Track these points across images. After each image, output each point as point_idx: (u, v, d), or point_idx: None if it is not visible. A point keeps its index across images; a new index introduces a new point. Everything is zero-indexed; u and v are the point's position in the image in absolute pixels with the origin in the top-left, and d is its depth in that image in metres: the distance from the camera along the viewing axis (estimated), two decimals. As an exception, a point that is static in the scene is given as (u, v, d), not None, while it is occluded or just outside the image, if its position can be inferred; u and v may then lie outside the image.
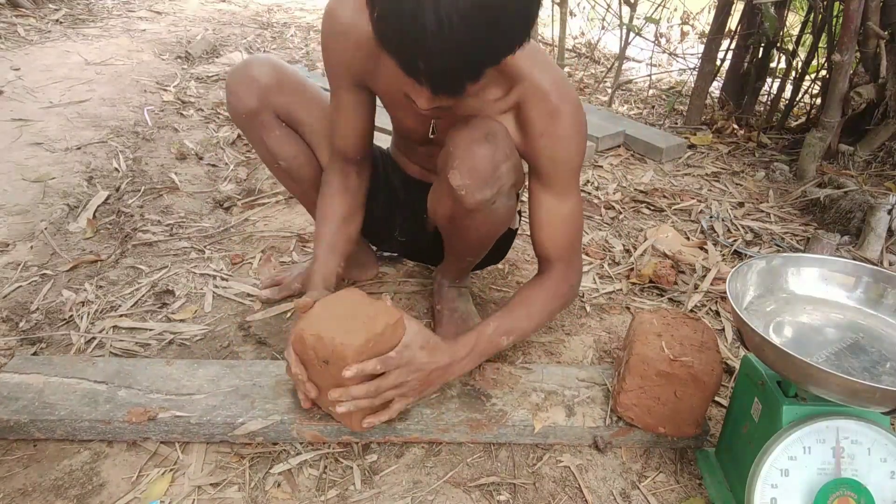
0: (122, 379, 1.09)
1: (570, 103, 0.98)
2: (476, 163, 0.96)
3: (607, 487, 1.03)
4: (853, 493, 0.80)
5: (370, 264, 1.53)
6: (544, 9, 4.52)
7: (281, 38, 4.03)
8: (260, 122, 1.17)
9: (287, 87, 1.15)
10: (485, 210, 1.04)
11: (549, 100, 0.96)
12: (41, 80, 2.58)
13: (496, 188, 1.00)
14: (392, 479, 1.01)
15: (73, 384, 1.07)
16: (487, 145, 0.95)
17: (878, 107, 2.34)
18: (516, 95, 0.98)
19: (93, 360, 1.14)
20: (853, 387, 0.73)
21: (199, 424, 1.02)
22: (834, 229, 1.94)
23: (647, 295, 1.59)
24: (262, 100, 1.14)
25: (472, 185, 0.97)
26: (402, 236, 1.43)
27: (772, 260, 0.97)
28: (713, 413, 1.19)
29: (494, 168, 0.97)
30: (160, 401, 1.05)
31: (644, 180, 2.30)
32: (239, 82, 1.13)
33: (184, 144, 2.26)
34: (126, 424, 1.01)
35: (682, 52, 3.95)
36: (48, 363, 1.12)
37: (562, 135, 0.98)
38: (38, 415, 1.01)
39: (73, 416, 1.01)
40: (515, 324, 1.07)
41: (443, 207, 1.10)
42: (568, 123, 0.98)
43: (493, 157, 0.96)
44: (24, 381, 1.07)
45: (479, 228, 1.12)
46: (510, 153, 1.00)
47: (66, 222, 1.69)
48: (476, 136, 0.95)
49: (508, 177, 1.01)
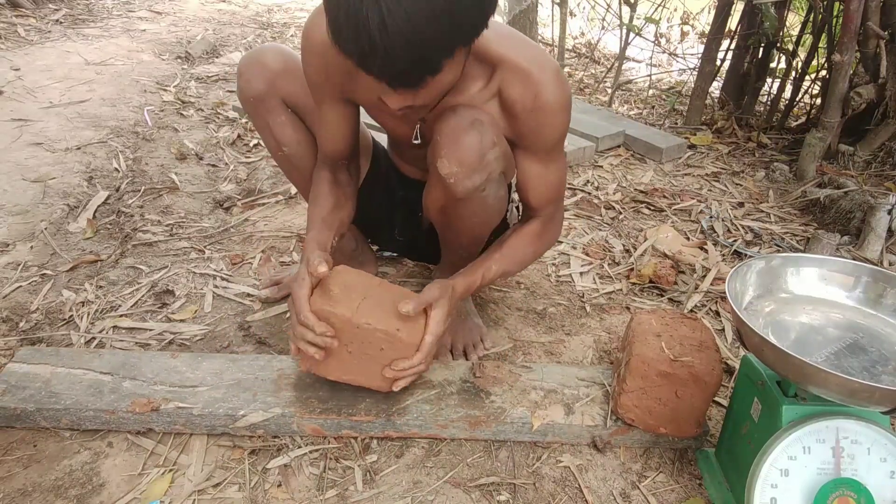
0: (128, 370, 1.11)
1: (550, 75, 0.98)
2: (463, 150, 0.97)
3: (607, 487, 1.03)
4: (853, 493, 0.80)
5: (370, 263, 1.53)
6: (544, 9, 4.54)
7: (281, 38, 4.03)
8: (267, 107, 1.19)
9: (295, 76, 1.17)
10: (475, 198, 1.05)
11: (530, 77, 0.97)
12: (41, 80, 2.58)
13: (485, 175, 1.01)
14: (392, 479, 1.01)
15: (79, 375, 1.09)
16: (474, 132, 0.97)
17: (878, 107, 2.34)
18: (498, 80, 0.99)
19: (99, 352, 1.16)
20: (852, 386, 0.73)
21: (202, 416, 1.04)
22: (834, 229, 1.94)
23: (646, 295, 1.59)
24: (270, 85, 1.16)
25: (461, 172, 0.99)
26: (401, 235, 1.43)
27: (771, 260, 0.97)
28: (713, 413, 1.19)
29: (482, 154, 0.99)
30: (164, 392, 1.07)
31: (644, 180, 2.30)
32: (250, 67, 1.17)
33: (184, 144, 2.26)
34: (130, 414, 1.03)
35: (682, 52, 3.95)
36: (55, 354, 1.14)
37: (547, 109, 0.99)
38: (44, 404, 1.03)
39: (78, 405, 1.03)
40: (510, 267, 1.15)
41: (434, 199, 1.11)
42: (551, 97, 0.98)
43: (481, 143, 0.98)
44: (31, 370, 1.10)
45: (471, 218, 1.13)
46: (497, 140, 1.01)
47: (66, 222, 1.70)
48: (462, 125, 0.97)
49: (497, 163, 1.03)
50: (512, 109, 1.00)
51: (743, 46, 2.81)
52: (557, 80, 0.98)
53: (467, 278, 1.10)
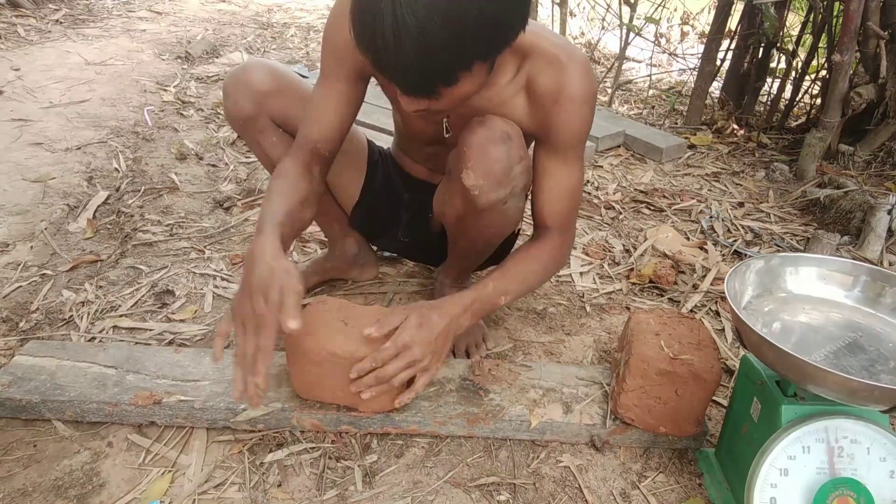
0: (132, 364, 1.12)
1: (579, 63, 0.96)
2: (491, 163, 0.96)
3: (607, 487, 1.03)
4: (852, 493, 0.80)
5: (370, 265, 1.53)
6: (544, 8, 4.54)
7: (281, 38, 4.03)
8: (256, 127, 1.17)
9: (284, 92, 1.15)
10: (496, 211, 1.04)
11: (559, 63, 0.95)
12: (41, 80, 2.59)
13: (509, 189, 1.00)
14: (392, 479, 1.01)
15: (83, 368, 1.11)
16: (502, 146, 0.96)
17: (878, 107, 2.34)
18: (526, 71, 0.97)
19: (104, 346, 1.18)
20: (851, 385, 0.73)
21: (203, 409, 1.05)
22: (834, 229, 1.94)
23: (646, 295, 1.59)
24: (258, 105, 1.14)
25: (486, 185, 0.97)
26: (405, 237, 1.43)
27: (770, 260, 0.97)
28: (713, 413, 1.19)
29: (508, 169, 0.98)
30: (166, 386, 1.08)
31: (644, 180, 2.30)
32: (236, 87, 1.14)
33: (184, 144, 2.26)
34: (132, 407, 1.04)
35: (682, 52, 3.95)
36: (61, 347, 1.16)
37: (575, 98, 0.96)
38: (48, 395, 1.04)
39: (82, 397, 1.04)
40: (511, 286, 1.07)
41: (452, 207, 1.09)
42: (578, 87, 0.96)
43: (508, 157, 0.96)
44: (37, 363, 1.11)
45: (488, 229, 1.12)
46: (524, 154, 1.00)
47: (66, 222, 1.70)
48: (491, 137, 0.95)
49: (521, 178, 1.02)
50: (540, 98, 0.98)
51: (743, 46, 2.81)
52: (585, 70, 0.97)
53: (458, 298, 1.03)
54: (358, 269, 1.51)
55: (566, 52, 0.96)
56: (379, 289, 1.52)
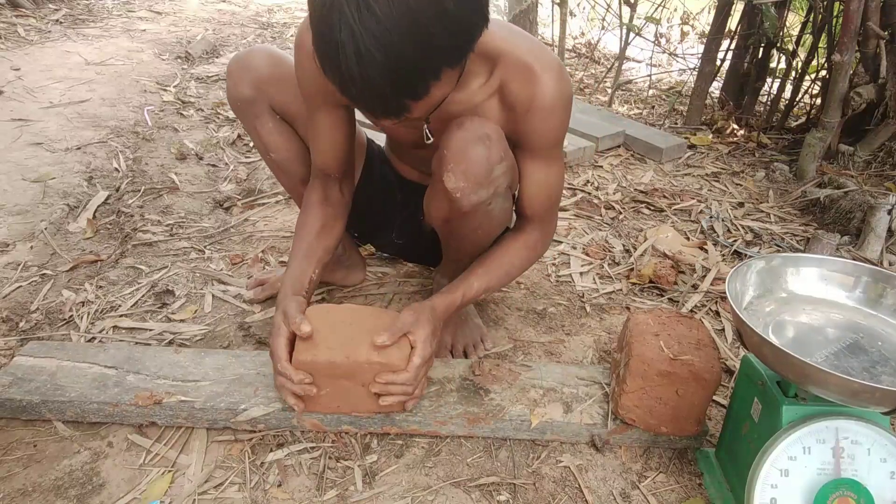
0: (132, 365, 1.12)
1: (552, 70, 0.96)
2: (470, 165, 0.95)
3: (607, 487, 1.03)
4: (853, 494, 0.80)
5: (357, 268, 1.51)
6: (544, 9, 4.54)
7: (281, 38, 4.03)
8: (255, 112, 1.17)
9: (285, 82, 1.14)
10: (480, 212, 1.04)
11: (531, 71, 0.95)
12: (41, 80, 2.58)
13: (492, 189, 1.00)
14: (392, 480, 1.01)
15: (84, 368, 1.11)
16: (482, 147, 0.95)
17: (878, 107, 2.33)
18: (499, 76, 0.97)
19: (104, 347, 1.17)
20: (852, 387, 0.73)
21: (203, 409, 1.05)
22: (834, 229, 1.94)
23: (646, 295, 1.59)
24: (257, 90, 1.14)
25: (468, 187, 0.97)
26: (399, 238, 1.42)
27: (771, 260, 0.97)
28: (713, 413, 1.19)
29: (489, 170, 0.97)
30: (167, 386, 1.08)
31: (644, 180, 2.30)
32: (238, 70, 1.14)
33: (184, 144, 2.26)
34: (133, 407, 1.04)
35: (682, 52, 3.95)
36: (62, 348, 1.16)
37: (548, 105, 0.97)
38: (49, 396, 1.04)
39: (82, 398, 1.04)
40: (493, 282, 1.12)
41: (438, 210, 1.09)
42: (552, 93, 0.96)
43: (488, 158, 0.96)
44: (38, 364, 1.11)
45: (476, 230, 1.12)
46: (504, 154, 0.99)
47: (66, 222, 1.70)
48: (470, 138, 0.95)
49: (504, 178, 1.01)
50: (512, 105, 0.98)
51: (743, 46, 2.81)
52: (559, 76, 0.96)
53: (447, 297, 1.07)
54: (343, 270, 1.49)
55: (538, 60, 0.95)
56: (379, 289, 1.52)
